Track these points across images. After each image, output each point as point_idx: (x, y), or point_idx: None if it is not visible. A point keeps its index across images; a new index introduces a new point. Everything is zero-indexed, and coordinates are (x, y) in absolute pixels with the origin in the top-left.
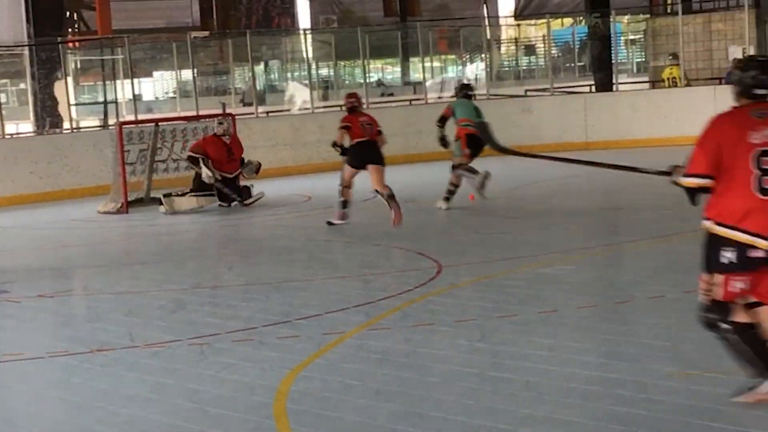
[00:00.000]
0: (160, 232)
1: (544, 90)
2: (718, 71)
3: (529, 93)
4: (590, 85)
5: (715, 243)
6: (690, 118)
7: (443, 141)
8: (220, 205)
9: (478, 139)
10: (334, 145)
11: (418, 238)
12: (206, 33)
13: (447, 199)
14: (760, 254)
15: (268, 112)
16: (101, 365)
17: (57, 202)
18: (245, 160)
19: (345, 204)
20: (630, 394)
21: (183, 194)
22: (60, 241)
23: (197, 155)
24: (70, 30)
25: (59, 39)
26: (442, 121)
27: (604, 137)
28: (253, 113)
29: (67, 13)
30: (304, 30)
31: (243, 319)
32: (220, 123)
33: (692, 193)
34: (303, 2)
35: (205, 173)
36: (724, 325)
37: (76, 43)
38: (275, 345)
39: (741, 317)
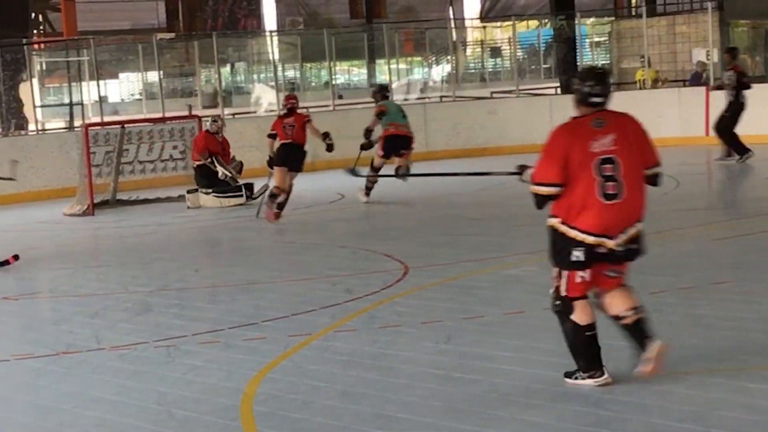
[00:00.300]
0: (126, 234)
1: (509, 92)
2: (683, 73)
3: (494, 95)
4: (556, 87)
5: (565, 242)
6: (655, 120)
7: (368, 134)
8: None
9: (395, 142)
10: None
11: (385, 239)
12: (172, 35)
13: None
14: (604, 251)
15: (234, 114)
16: (67, 368)
17: (22, 204)
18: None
19: (274, 197)
20: (595, 395)
21: (207, 193)
22: (25, 244)
23: (206, 158)
24: (35, 31)
25: (24, 40)
26: (381, 115)
27: None
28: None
29: (32, 15)
30: (270, 32)
31: (209, 321)
32: (215, 121)
33: (541, 199)
34: (269, 4)
35: (222, 172)
36: (567, 319)
37: (42, 45)
38: (242, 347)
39: (581, 315)
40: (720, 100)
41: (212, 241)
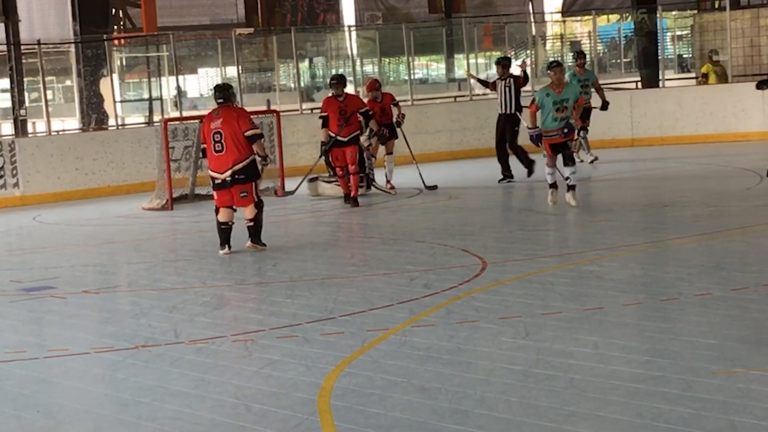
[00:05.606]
0: (205, 228)
1: None
2: (767, 67)
3: None
4: (636, 82)
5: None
6: (737, 115)
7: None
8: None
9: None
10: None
11: (462, 235)
12: (251, 30)
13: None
14: (218, 181)
15: (312, 109)
16: (145, 361)
17: (102, 199)
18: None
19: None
20: (675, 392)
21: (329, 182)
22: (105, 238)
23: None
24: (115, 27)
25: (105, 36)
26: None
27: (650, 133)
28: (297, 110)
29: (113, 11)
30: (349, 27)
31: (287, 316)
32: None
33: (201, 150)
34: None
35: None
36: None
37: (122, 41)
38: (319, 341)
39: (222, 216)
40: None
41: (290, 235)
